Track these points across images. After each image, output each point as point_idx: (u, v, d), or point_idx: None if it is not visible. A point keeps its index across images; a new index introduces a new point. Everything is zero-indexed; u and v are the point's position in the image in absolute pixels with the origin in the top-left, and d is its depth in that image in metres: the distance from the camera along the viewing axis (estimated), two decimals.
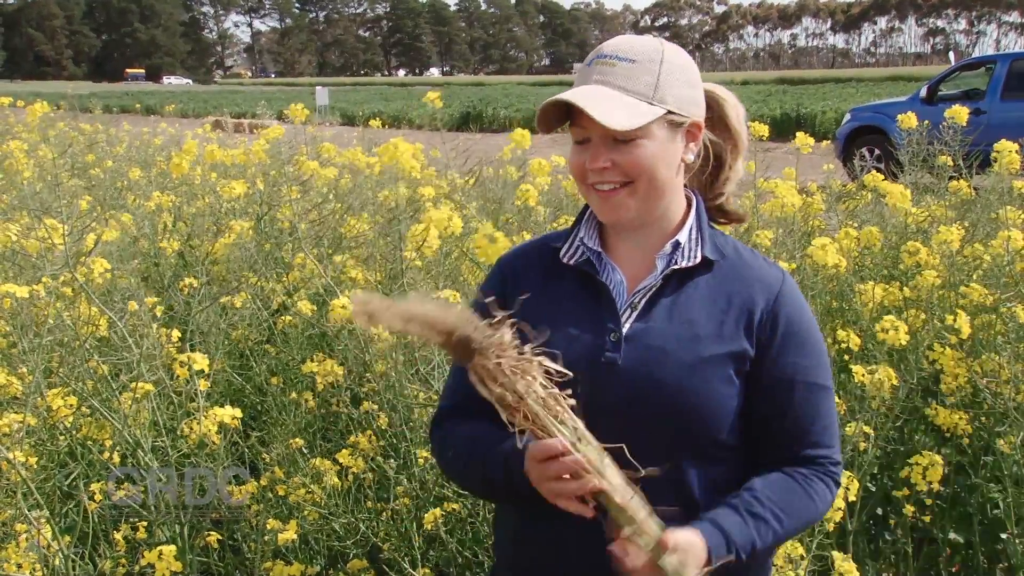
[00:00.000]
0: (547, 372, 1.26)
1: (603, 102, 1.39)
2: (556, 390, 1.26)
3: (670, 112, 1.44)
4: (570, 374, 1.26)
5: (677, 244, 1.49)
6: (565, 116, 1.46)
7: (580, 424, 1.27)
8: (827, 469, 1.47)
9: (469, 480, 1.59)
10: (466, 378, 1.59)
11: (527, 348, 1.26)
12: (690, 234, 1.50)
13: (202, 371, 2.51)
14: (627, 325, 1.46)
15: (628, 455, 1.29)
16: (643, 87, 1.42)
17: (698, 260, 1.48)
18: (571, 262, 1.54)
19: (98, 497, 2.66)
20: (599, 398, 1.35)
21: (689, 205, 1.54)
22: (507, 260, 1.64)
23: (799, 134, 4.06)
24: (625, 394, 1.39)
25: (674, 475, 1.40)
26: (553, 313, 1.49)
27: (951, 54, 22.25)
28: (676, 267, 1.48)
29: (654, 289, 1.48)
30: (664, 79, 1.44)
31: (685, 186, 1.54)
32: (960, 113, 4.37)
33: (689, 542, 1.30)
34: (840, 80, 49.94)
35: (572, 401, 1.27)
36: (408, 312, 1.24)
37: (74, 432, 2.73)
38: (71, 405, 2.66)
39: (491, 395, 1.24)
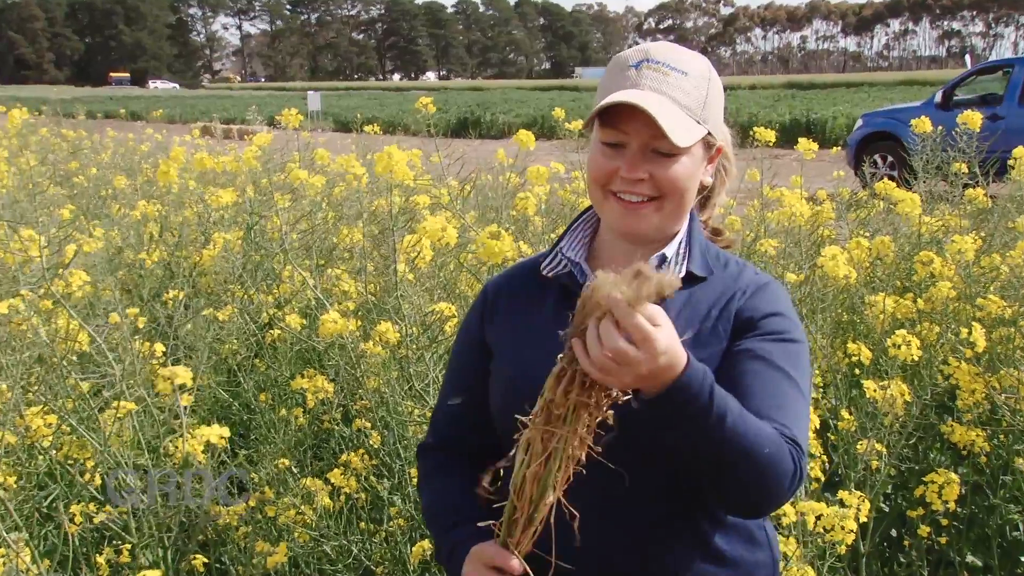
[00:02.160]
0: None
1: (666, 113, 1.38)
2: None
3: (709, 133, 1.45)
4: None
5: (663, 258, 1.50)
6: (595, 114, 1.44)
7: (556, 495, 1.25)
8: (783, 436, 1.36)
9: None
10: (456, 408, 1.65)
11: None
12: (678, 248, 1.51)
13: (184, 386, 2.51)
14: None
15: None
16: (694, 103, 1.43)
17: (682, 275, 1.48)
18: (551, 275, 1.55)
19: (79, 519, 2.66)
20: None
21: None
22: (491, 285, 1.67)
23: (801, 140, 4.06)
24: None
25: (662, 484, 1.42)
26: (532, 329, 1.52)
27: (967, 57, 22.33)
28: None
29: None
30: (710, 98, 1.45)
31: None
32: (973, 118, 4.38)
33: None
34: (851, 84, 50.22)
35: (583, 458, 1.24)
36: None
37: (54, 452, 2.73)
38: (50, 424, 2.66)
39: (554, 391, 1.21)
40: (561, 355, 1.21)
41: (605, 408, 1.21)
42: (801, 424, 1.39)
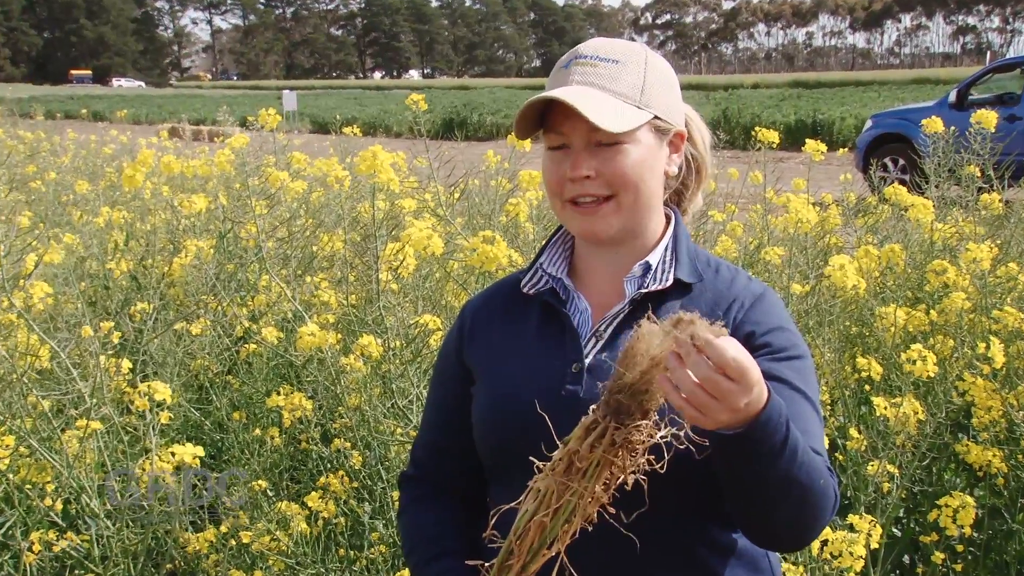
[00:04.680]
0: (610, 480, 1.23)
1: (591, 102, 1.40)
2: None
3: (657, 117, 1.47)
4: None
5: (647, 267, 1.51)
6: (537, 123, 1.47)
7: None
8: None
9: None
10: (437, 436, 1.67)
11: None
12: (663, 255, 1.52)
13: (163, 402, 2.52)
14: (590, 356, 1.48)
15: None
16: (629, 89, 1.45)
17: (670, 283, 1.49)
18: (532, 292, 1.57)
19: (37, 547, 2.65)
20: (561, 433, 1.32)
21: (668, 222, 1.56)
22: (469, 306, 1.69)
23: (809, 141, 4.08)
24: None
25: (662, 513, 1.41)
26: (515, 348, 1.54)
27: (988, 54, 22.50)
28: (646, 291, 1.49)
29: (622, 316, 1.49)
30: (650, 82, 1.47)
31: (665, 203, 1.56)
32: (988, 118, 4.41)
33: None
34: (860, 83, 50.44)
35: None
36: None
37: (10, 475, 2.73)
38: (7, 445, 2.66)
39: (581, 443, 1.21)
40: (595, 406, 1.22)
41: (628, 471, 1.21)
42: (823, 444, 1.42)
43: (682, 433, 1.23)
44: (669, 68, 1.52)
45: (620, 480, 1.22)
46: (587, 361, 1.48)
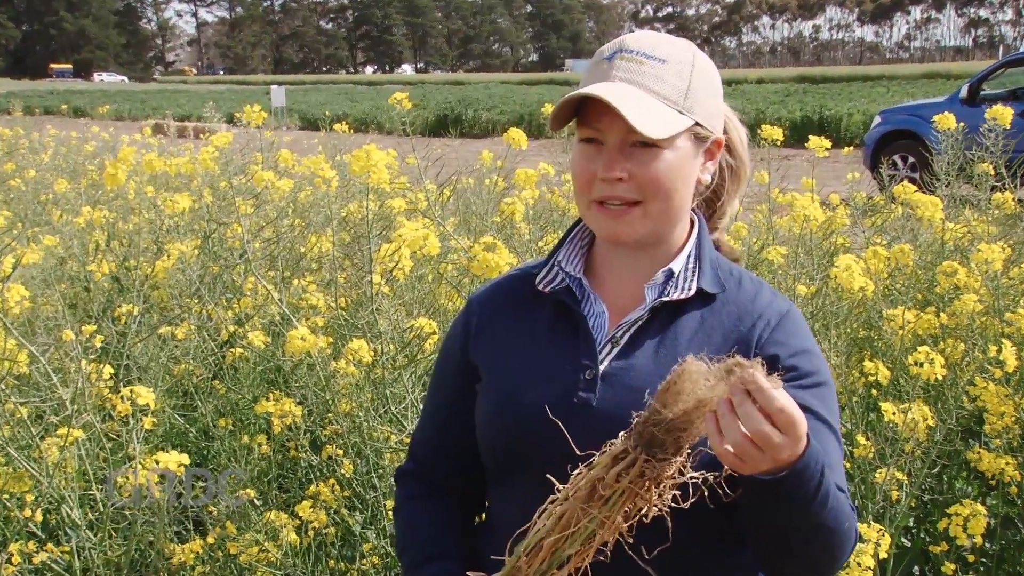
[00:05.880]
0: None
1: (633, 103, 1.39)
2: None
3: (697, 124, 1.45)
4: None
5: (670, 273, 1.50)
6: (571, 113, 1.46)
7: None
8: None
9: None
10: (440, 433, 1.67)
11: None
12: (686, 262, 1.51)
13: (147, 407, 2.51)
14: (605, 362, 1.47)
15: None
16: (674, 92, 1.43)
17: (692, 292, 1.49)
18: (547, 290, 1.56)
19: (16, 560, 2.65)
20: (571, 443, 1.32)
21: (691, 228, 1.55)
22: (476, 299, 1.68)
23: (813, 137, 4.08)
24: (600, 439, 1.31)
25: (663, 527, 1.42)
26: (524, 348, 1.53)
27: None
28: (666, 299, 1.48)
29: (640, 323, 1.48)
30: (695, 86, 1.45)
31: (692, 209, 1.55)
32: (1003, 114, 4.41)
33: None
34: (869, 78, 50.55)
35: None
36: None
37: None
38: None
39: (607, 471, 1.22)
40: (625, 434, 1.22)
41: (651, 502, 1.22)
42: (844, 478, 1.44)
43: (712, 477, 1.25)
44: (715, 70, 1.51)
45: (642, 511, 1.23)
46: (602, 368, 1.47)
